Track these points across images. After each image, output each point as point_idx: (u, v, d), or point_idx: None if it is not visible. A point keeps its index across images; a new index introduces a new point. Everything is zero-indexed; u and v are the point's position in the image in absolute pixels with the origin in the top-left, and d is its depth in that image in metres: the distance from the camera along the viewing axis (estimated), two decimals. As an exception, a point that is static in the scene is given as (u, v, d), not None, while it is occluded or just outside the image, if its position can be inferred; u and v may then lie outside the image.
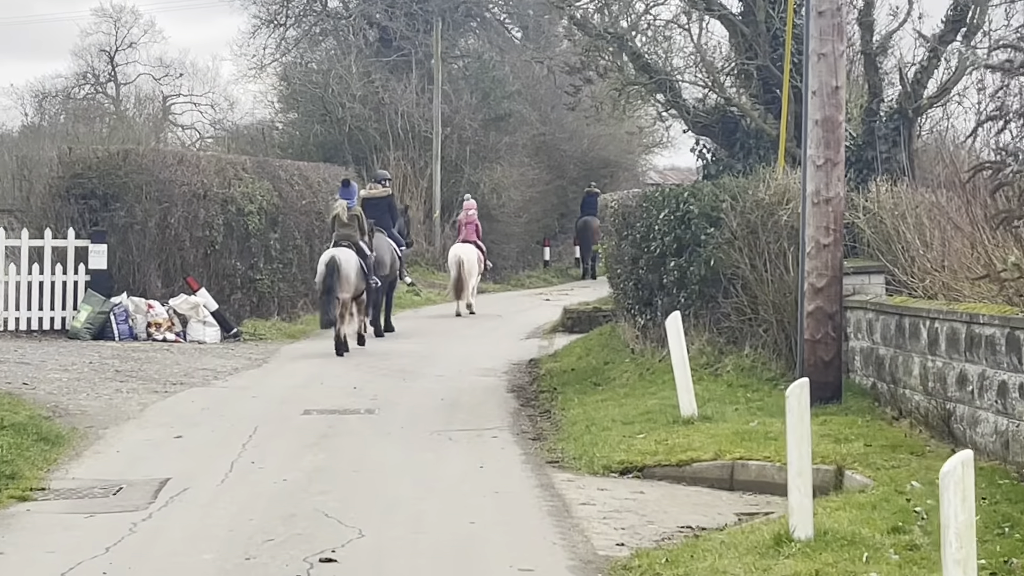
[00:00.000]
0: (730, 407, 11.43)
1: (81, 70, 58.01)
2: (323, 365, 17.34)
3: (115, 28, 59.15)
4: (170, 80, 59.68)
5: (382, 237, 20.80)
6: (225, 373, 16.34)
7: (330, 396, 14.37)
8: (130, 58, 58.96)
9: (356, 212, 19.15)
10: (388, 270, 20.81)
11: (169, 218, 20.77)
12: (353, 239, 18.81)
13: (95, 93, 60.36)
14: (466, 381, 15.86)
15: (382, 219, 21.31)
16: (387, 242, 21.08)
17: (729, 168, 16.49)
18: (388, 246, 21.05)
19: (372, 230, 19.90)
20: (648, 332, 14.69)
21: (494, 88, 38.41)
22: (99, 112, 55.66)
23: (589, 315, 22.09)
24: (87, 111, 53.17)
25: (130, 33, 59.28)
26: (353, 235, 18.86)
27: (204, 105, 56.38)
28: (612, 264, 16.57)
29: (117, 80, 60.29)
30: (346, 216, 18.89)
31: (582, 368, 15.69)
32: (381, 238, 20.69)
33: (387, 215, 21.81)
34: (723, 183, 13.37)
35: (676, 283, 13.70)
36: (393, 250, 21.33)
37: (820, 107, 10.71)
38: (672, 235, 13.65)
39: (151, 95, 59.44)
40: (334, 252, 18.38)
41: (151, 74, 59.32)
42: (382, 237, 20.80)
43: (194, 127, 55.05)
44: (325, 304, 18.18)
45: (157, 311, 19.95)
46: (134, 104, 60.25)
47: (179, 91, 60.09)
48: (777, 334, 12.40)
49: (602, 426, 11.39)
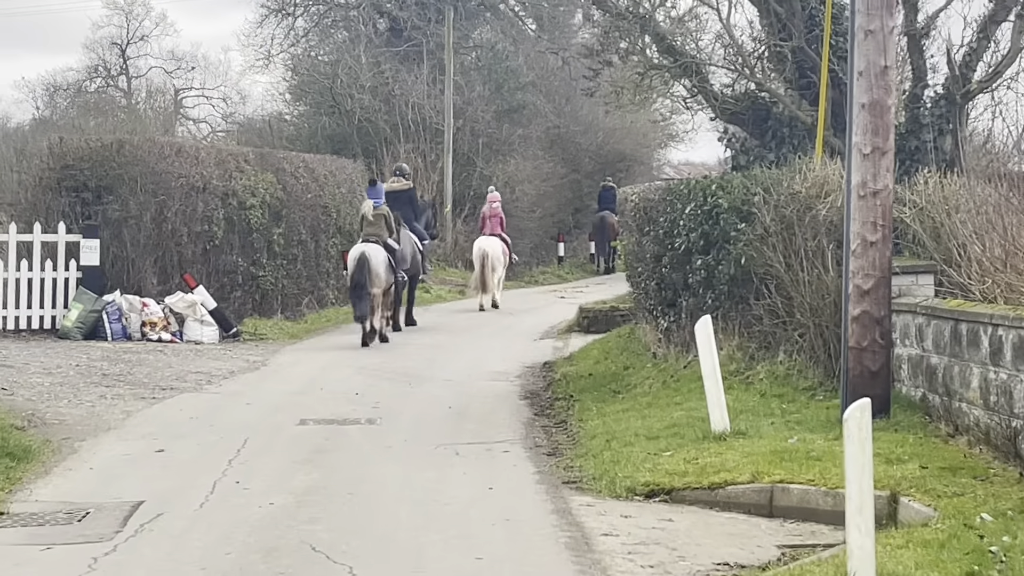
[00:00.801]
0: (765, 420, 10.38)
1: (92, 63, 57.79)
2: (325, 368, 16.34)
3: (127, 21, 58.88)
4: (182, 73, 59.29)
5: (403, 231, 20.71)
6: (220, 377, 15.35)
7: (329, 404, 13.36)
8: (142, 51, 58.63)
9: (383, 211, 19.29)
10: (409, 264, 20.78)
11: (166, 212, 19.80)
12: (381, 237, 19.00)
13: (106, 86, 60.01)
14: (476, 386, 14.85)
15: (404, 212, 21.24)
16: (408, 236, 20.96)
17: (760, 159, 15.41)
18: (409, 240, 20.96)
19: (399, 227, 20.02)
20: (672, 335, 13.66)
21: (507, 79, 37.37)
22: (110, 106, 55.20)
23: (606, 315, 21.07)
24: (98, 105, 52.70)
25: (141, 26, 59.00)
26: (380, 233, 19.05)
27: (216, 99, 55.77)
28: (632, 262, 15.53)
29: (128, 73, 59.94)
30: (372, 215, 19.07)
31: (600, 373, 14.65)
32: (402, 232, 20.62)
33: (408, 208, 21.69)
34: (754, 175, 12.32)
35: (703, 283, 12.65)
36: (414, 244, 21.26)
37: (867, 89, 9.65)
38: (699, 231, 12.61)
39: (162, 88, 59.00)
40: (363, 247, 18.63)
41: (163, 67, 58.98)
42: (403, 231, 20.71)
43: (206, 121, 54.50)
44: (356, 299, 18.35)
45: (152, 310, 18.97)
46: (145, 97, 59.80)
47: (191, 85, 59.77)
48: (814, 339, 11.35)
49: (624, 441, 10.35)
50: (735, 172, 14.63)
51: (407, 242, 20.77)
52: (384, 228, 19.13)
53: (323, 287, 25.35)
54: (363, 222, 19.29)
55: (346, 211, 26.69)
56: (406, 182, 22.42)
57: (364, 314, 18.20)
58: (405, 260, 20.39)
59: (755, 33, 17.58)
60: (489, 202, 26.32)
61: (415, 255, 21.30)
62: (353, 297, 18.58)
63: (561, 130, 40.87)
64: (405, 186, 22.18)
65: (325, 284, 25.51)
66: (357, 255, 18.53)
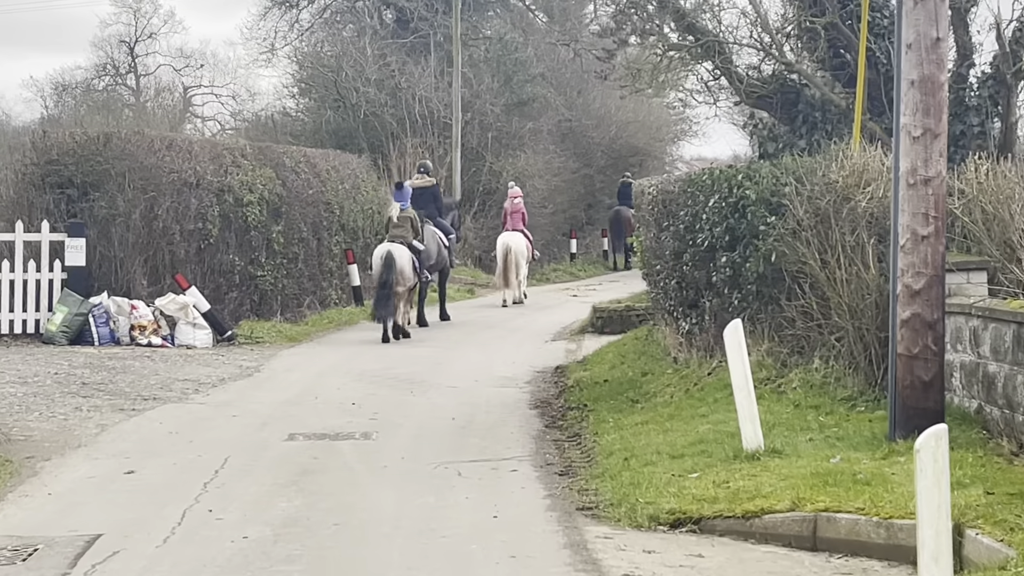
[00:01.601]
0: (802, 436, 9.30)
1: (101, 61, 57.54)
2: (322, 374, 15.31)
3: (135, 18, 58.61)
4: (191, 71, 58.84)
5: (428, 227, 20.71)
6: (208, 385, 14.32)
7: (323, 415, 12.32)
8: (150, 49, 58.30)
9: (409, 214, 19.51)
10: (435, 260, 20.82)
11: (156, 209, 18.78)
12: (406, 239, 19.18)
13: (115, 85, 59.63)
14: (482, 394, 13.80)
15: (428, 209, 21.21)
16: (433, 232, 20.95)
17: (790, 146, 14.28)
18: (434, 236, 20.96)
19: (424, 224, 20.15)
20: (693, 339, 12.58)
21: (517, 71, 36.28)
22: (119, 104, 54.64)
23: (621, 315, 19.99)
24: (106, 103, 52.10)
25: (150, 24, 58.69)
26: (405, 235, 19.23)
27: (225, 96, 55.10)
28: (649, 259, 14.45)
29: (137, 71, 59.57)
30: (397, 217, 19.31)
31: (616, 380, 13.58)
32: (427, 228, 20.62)
33: (433, 205, 21.62)
34: (785, 163, 11.23)
35: (728, 282, 11.58)
36: (440, 240, 21.23)
37: (917, 64, 8.56)
38: (723, 225, 11.53)
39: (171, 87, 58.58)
40: (389, 247, 18.79)
41: (171, 65, 58.66)
42: (428, 227, 20.71)
43: (215, 119, 53.83)
44: (382, 298, 18.41)
45: (141, 312, 17.95)
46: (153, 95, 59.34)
47: (200, 82, 59.28)
48: (853, 344, 10.27)
49: (645, 459, 9.29)
50: (762, 161, 13.51)
51: (432, 238, 20.74)
52: (410, 230, 19.33)
53: (326, 287, 24.34)
54: (389, 224, 19.50)
55: (350, 207, 25.68)
56: (430, 179, 22.35)
57: (388, 313, 18.33)
58: (430, 256, 20.39)
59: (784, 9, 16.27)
60: (510, 197, 25.89)
61: (440, 250, 21.22)
62: (379, 296, 18.55)
63: (573, 123, 39.78)
64: (429, 183, 22.08)
65: (328, 284, 24.50)
66: (383, 254, 18.66)
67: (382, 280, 18.40)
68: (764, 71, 15.70)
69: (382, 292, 18.40)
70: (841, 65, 15.08)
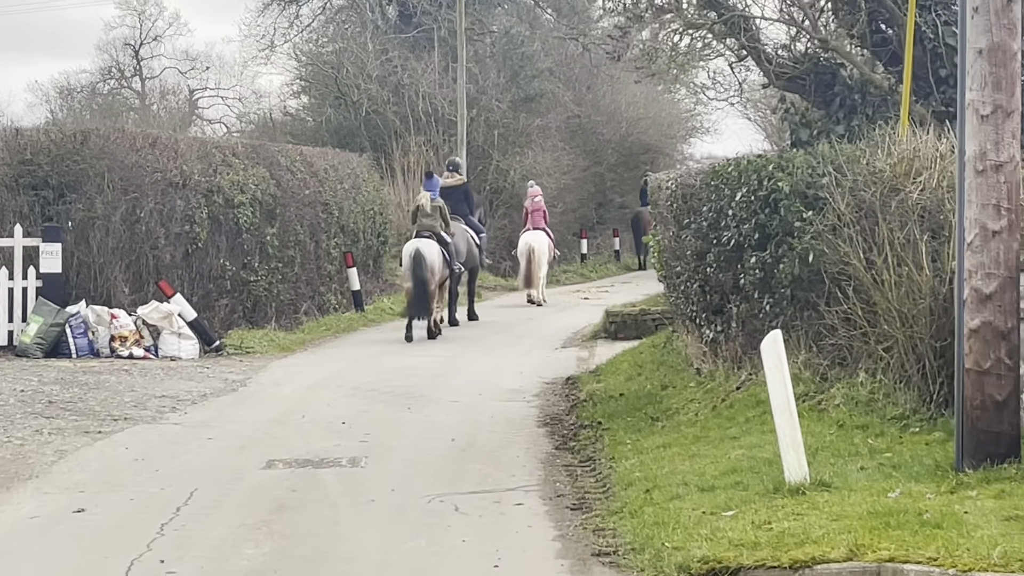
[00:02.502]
0: (851, 463, 8.05)
1: (106, 65, 57.09)
2: (312, 389, 14.09)
3: (139, 21, 58.22)
4: (196, 74, 58.29)
5: (458, 226, 20.72)
6: (188, 402, 13.12)
7: (309, 436, 11.10)
8: (155, 52, 57.81)
9: (439, 204, 19.44)
10: (465, 258, 20.77)
11: (138, 211, 17.60)
12: (435, 229, 19.09)
13: (120, 88, 59.19)
14: (486, 409, 12.58)
15: (458, 207, 21.20)
16: (463, 230, 20.98)
17: (826, 132, 12.98)
18: (465, 234, 21.00)
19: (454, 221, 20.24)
20: (719, 348, 11.34)
21: (524, 66, 35.01)
22: (124, 107, 54.07)
23: (635, 319, 18.75)
24: (112, 107, 51.35)
25: (155, 26, 58.28)
26: (435, 225, 19.13)
27: (232, 99, 54.32)
28: (668, 260, 13.20)
29: (142, 75, 59.17)
30: (429, 207, 19.17)
31: (633, 393, 12.33)
32: (457, 227, 20.62)
33: (463, 203, 21.58)
34: (821, 151, 9.98)
35: (758, 285, 10.34)
36: (470, 238, 21.22)
37: (986, 30, 7.32)
38: (752, 222, 10.29)
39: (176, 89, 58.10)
40: (417, 243, 18.67)
41: (177, 68, 58.13)
42: (458, 226, 20.72)
43: (222, 121, 53.00)
44: (417, 295, 18.29)
45: (122, 322, 16.76)
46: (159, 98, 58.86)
47: (206, 85, 58.64)
48: (904, 355, 9.03)
49: (670, 491, 8.05)
50: (795, 150, 12.24)
51: (462, 236, 20.73)
52: (440, 220, 19.23)
53: (324, 292, 23.17)
54: (419, 213, 19.31)
55: (350, 208, 24.50)
56: (460, 176, 22.15)
57: (422, 312, 18.29)
58: (460, 254, 20.34)
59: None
60: (530, 196, 25.62)
61: (471, 249, 21.16)
62: (414, 293, 18.38)
63: (582, 120, 38.52)
64: (460, 181, 21.92)
65: (326, 288, 23.32)
66: (412, 251, 18.52)
67: (416, 277, 18.22)
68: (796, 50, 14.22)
69: (416, 290, 18.24)
70: (882, 41, 13.73)
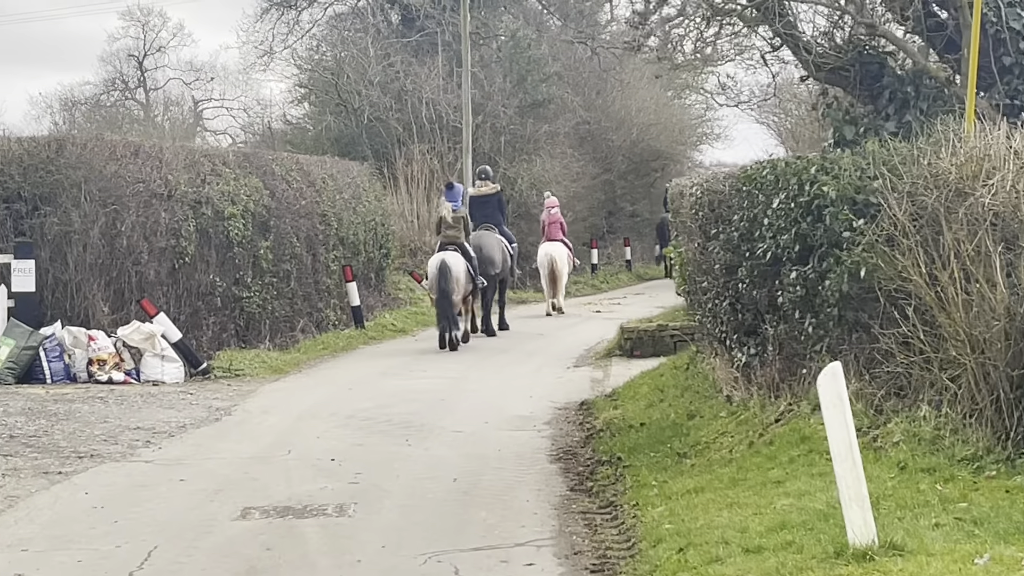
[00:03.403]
0: (922, 518, 6.81)
1: (110, 76, 56.64)
2: (303, 417, 12.88)
3: (143, 32, 57.71)
4: (201, 84, 57.71)
5: (492, 235, 20.78)
6: (164, 434, 11.92)
7: (293, 477, 9.89)
8: (159, 62, 57.39)
9: (462, 214, 19.55)
10: (500, 268, 20.73)
11: (119, 224, 16.43)
12: (458, 241, 19.13)
13: (124, 100, 58.78)
14: (493, 441, 11.36)
15: (492, 216, 21.20)
16: (497, 239, 20.90)
17: (874, 130, 11.69)
18: (498, 244, 20.91)
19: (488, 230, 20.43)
20: (752, 373, 10.11)
21: (531, 70, 33.80)
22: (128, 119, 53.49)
23: (653, 335, 17.52)
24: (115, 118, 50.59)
25: (159, 37, 57.85)
26: (458, 237, 19.16)
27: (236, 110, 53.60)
28: (692, 275, 11.97)
29: (146, 86, 58.72)
30: (451, 218, 19.16)
31: (656, 423, 11.08)
32: (491, 236, 20.73)
33: (497, 212, 21.49)
34: (871, 151, 8.75)
35: (799, 303, 9.11)
36: (504, 247, 21.10)
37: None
38: (792, 232, 9.07)
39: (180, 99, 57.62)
40: (443, 256, 18.73)
41: (181, 78, 57.65)
42: (492, 235, 20.78)
43: (227, 132, 52.23)
44: (443, 308, 18.42)
45: (101, 344, 15.57)
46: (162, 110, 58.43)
47: (210, 96, 58.04)
48: (975, 384, 7.79)
49: (707, 551, 6.82)
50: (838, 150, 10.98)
51: (496, 245, 20.74)
52: (462, 232, 19.27)
53: (322, 308, 21.98)
54: (441, 224, 19.34)
55: (349, 219, 23.32)
56: (493, 185, 21.98)
57: (452, 323, 18.38)
58: (495, 263, 20.49)
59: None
60: (547, 208, 25.50)
61: (506, 259, 21.06)
62: (439, 307, 18.53)
63: (592, 126, 37.32)
64: (493, 189, 21.76)
65: (325, 304, 22.14)
66: (438, 263, 18.58)
67: (440, 289, 18.30)
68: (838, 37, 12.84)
69: (442, 302, 18.37)
70: (937, 26, 12.41)
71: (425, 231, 30.95)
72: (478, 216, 21.14)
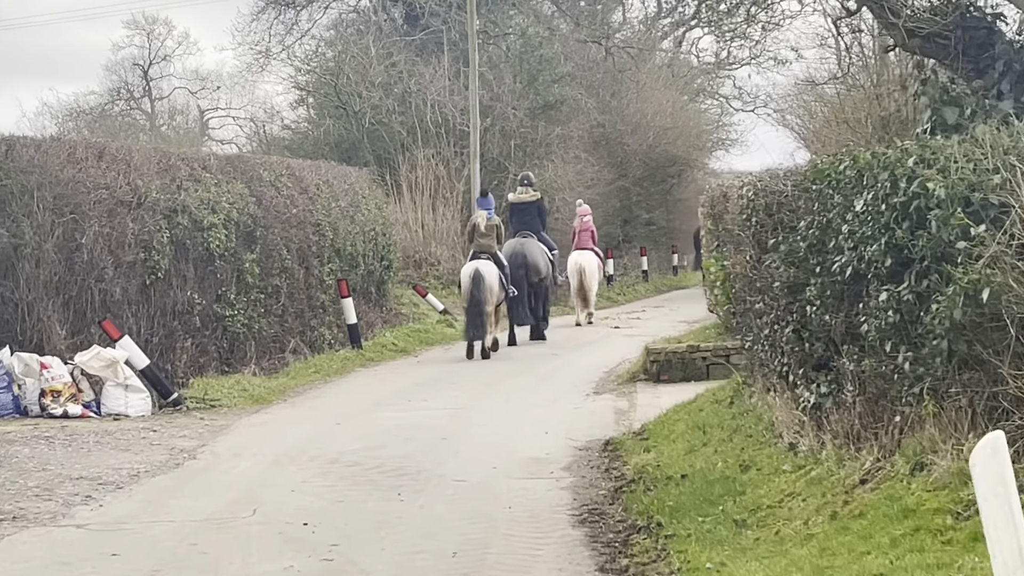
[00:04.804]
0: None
1: (114, 86, 55.31)
2: (278, 462, 10.93)
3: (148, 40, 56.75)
4: (207, 93, 56.68)
5: (534, 242, 20.74)
6: (111, 486, 9.99)
7: (254, 550, 7.93)
8: (164, 71, 56.38)
9: (495, 222, 19.44)
10: (544, 275, 20.72)
11: (79, 236, 14.54)
12: (491, 250, 19.08)
13: (129, 109, 58.08)
14: (503, 494, 9.42)
15: (532, 223, 21.13)
16: (539, 247, 20.81)
17: (984, 112, 9.69)
18: (541, 251, 20.83)
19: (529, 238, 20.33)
20: (824, 418, 8.12)
21: (542, 70, 31.91)
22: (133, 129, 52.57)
23: (682, 358, 15.59)
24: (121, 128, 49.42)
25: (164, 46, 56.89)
26: (492, 246, 19.12)
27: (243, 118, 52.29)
28: (741, 293, 9.99)
29: (152, 95, 57.85)
30: (484, 226, 19.08)
31: (701, 474, 9.08)
32: (534, 243, 20.72)
33: (537, 219, 21.36)
34: (989, 137, 6.77)
35: (891, 332, 7.12)
36: (546, 254, 21.02)
37: None
38: (883, 241, 7.08)
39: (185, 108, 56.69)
40: (476, 264, 18.68)
41: (187, 88, 56.63)
42: (534, 242, 20.74)
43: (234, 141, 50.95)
44: (473, 317, 18.34)
45: (55, 372, 13.68)
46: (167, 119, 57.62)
47: (217, 104, 57.02)
48: None
49: None
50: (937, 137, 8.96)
51: (539, 252, 20.71)
52: (495, 240, 19.21)
53: (316, 326, 20.13)
54: (475, 232, 19.22)
55: (346, 229, 21.47)
56: (534, 192, 21.74)
57: (481, 334, 18.23)
58: (539, 271, 20.52)
59: None
60: (579, 215, 25.10)
61: (548, 266, 20.99)
62: (470, 316, 18.46)
63: (606, 129, 35.46)
64: (534, 196, 21.55)
65: (319, 322, 20.29)
66: (471, 272, 18.54)
67: (473, 299, 18.24)
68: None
69: (474, 311, 18.28)
70: (1061, -20, 10.41)
71: (431, 241, 29.07)
72: (517, 223, 21.18)
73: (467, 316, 18.62)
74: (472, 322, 18.32)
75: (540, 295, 20.80)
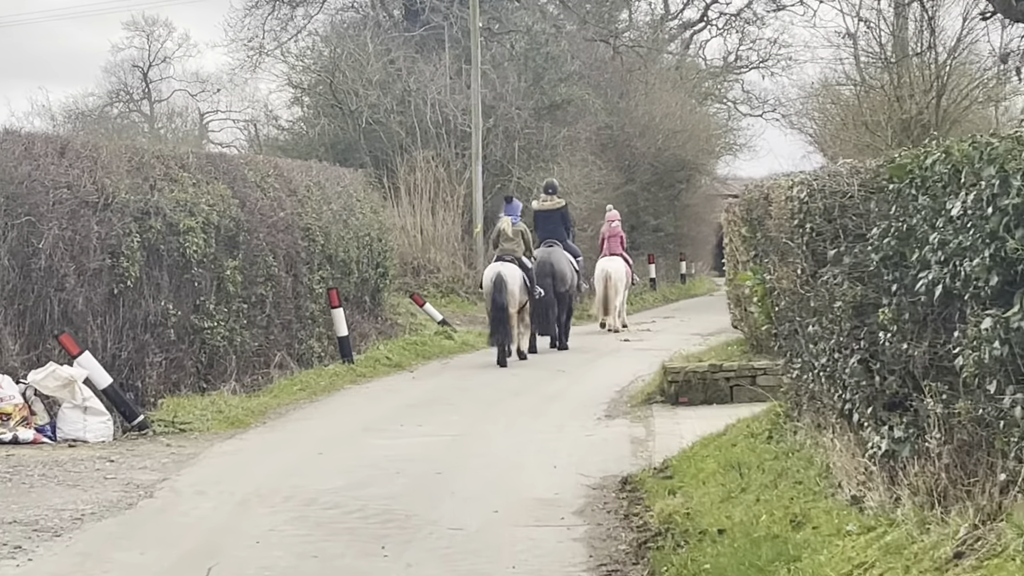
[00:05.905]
0: None
1: (114, 88, 54.62)
2: (246, 502, 9.47)
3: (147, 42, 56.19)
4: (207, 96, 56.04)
5: (560, 250, 20.58)
6: (48, 532, 8.54)
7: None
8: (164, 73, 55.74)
9: (521, 228, 19.34)
10: (569, 283, 20.50)
11: (35, 240, 13.10)
12: (516, 254, 18.94)
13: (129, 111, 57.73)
14: (504, 548, 7.97)
15: (556, 231, 20.96)
16: (565, 255, 20.67)
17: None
18: (566, 258, 20.67)
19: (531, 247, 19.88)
20: (900, 469, 6.64)
21: (548, 68, 30.50)
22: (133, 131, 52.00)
23: (703, 378, 14.16)
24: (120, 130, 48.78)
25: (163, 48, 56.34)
26: (517, 250, 18.99)
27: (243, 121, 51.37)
28: (788, 312, 8.50)
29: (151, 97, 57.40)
30: (510, 231, 19.01)
31: (742, 530, 7.59)
32: (560, 251, 20.56)
33: (561, 227, 21.16)
34: None
35: (996, 367, 5.65)
36: (571, 262, 20.83)
37: None
38: (987, 253, 5.62)
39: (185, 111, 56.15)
40: (499, 268, 18.58)
41: (187, 90, 56.05)
42: (560, 250, 20.58)
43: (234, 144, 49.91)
44: (497, 322, 18.20)
45: (6, 392, 12.25)
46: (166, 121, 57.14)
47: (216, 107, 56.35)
48: None
49: None
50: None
51: (564, 260, 20.53)
52: (521, 245, 19.11)
53: (304, 338, 18.70)
54: (500, 237, 19.14)
55: (338, 234, 20.03)
56: (558, 200, 21.56)
57: (506, 339, 18.09)
58: (565, 279, 20.31)
59: None
60: (608, 221, 24.81)
61: (573, 275, 20.79)
62: (493, 319, 18.34)
63: (614, 131, 34.04)
64: (558, 204, 21.38)
65: (308, 334, 18.86)
66: (494, 275, 18.43)
67: (495, 302, 18.08)
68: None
69: (497, 315, 18.11)
70: None
71: (430, 247, 27.67)
72: (542, 231, 20.90)
73: (491, 321, 18.42)
74: (496, 327, 18.15)
75: (564, 304, 20.43)
